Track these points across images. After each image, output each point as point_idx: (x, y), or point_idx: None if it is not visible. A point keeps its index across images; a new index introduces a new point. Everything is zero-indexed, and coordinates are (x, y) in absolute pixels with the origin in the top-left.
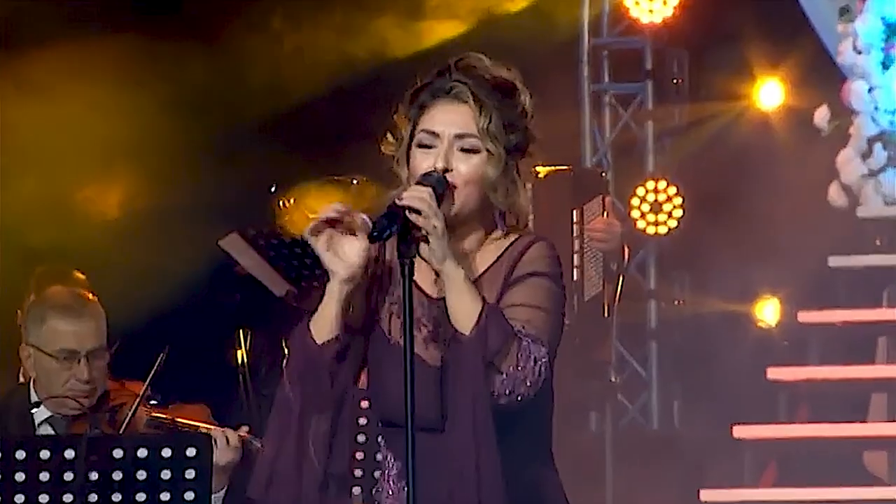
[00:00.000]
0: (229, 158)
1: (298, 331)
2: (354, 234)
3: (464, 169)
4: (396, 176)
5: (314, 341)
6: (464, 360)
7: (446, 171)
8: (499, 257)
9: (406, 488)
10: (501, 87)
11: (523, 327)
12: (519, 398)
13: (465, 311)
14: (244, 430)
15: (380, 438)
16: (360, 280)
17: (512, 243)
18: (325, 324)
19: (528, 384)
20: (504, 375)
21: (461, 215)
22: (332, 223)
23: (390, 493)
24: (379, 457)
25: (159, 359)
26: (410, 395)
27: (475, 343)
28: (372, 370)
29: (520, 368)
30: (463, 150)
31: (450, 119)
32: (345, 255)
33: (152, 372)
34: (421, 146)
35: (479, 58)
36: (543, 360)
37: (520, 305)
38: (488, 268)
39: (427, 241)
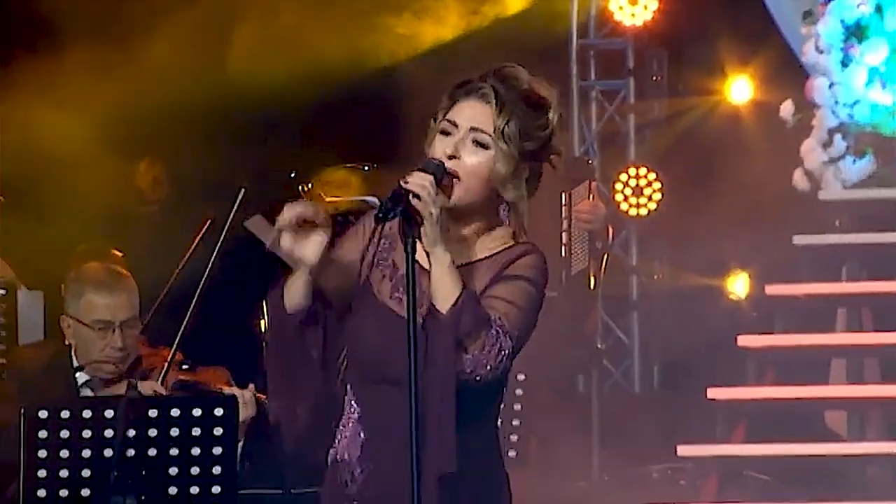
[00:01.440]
0: (253, 147)
1: (272, 295)
2: (311, 232)
3: (470, 160)
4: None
5: (284, 308)
6: (438, 335)
7: (452, 157)
8: (496, 253)
9: (363, 436)
10: (531, 100)
11: (499, 318)
12: (478, 378)
13: (445, 293)
14: (251, 387)
15: (348, 386)
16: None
17: (511, 246)
18: (292, 293)
19: (489, 368)
20: (469, 356)
21: (463, 205)
22: (300, 224)
23: (346, 436)
24: (345, 406)
25: (182, 327)
26: (414, 365)
27: (449, 323)
28: (353, 322)
29: (485, 352)
30: (475, 142)
31: (470, 114)
32: (304, 251)
33: (177, 339)
34: (442, 133)
35: (520, 69)
36: (507, 351)
37: (501, 299)
38: (483, 258)
39: (421, 224)
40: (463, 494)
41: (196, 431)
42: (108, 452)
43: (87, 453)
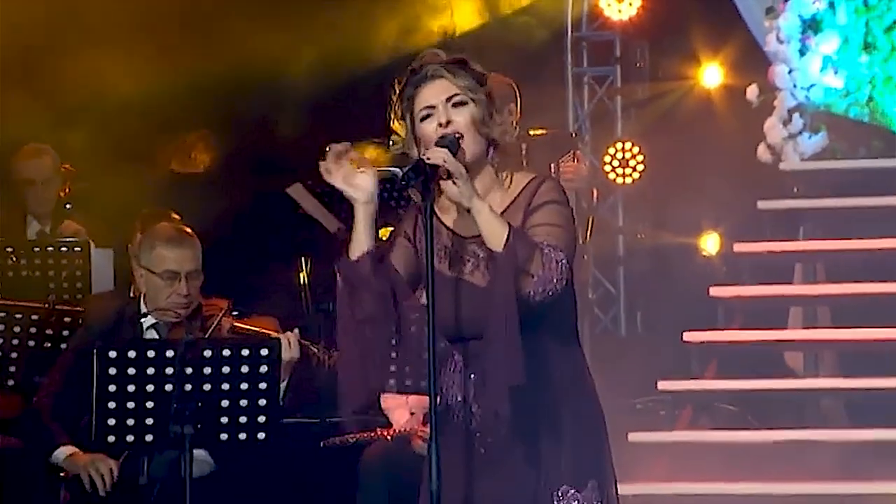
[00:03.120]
0: (291, 124)
1: (341, 259)
2: (362, 170)
3: (460, 118)
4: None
5: (349, 258)
6: (500, 270)
7: (448, 122)
8: (519, 193)
9: (465, 372)
10: (457, 63)
11: (545, 240)
12: (550, 293)
13: (496, 235)
14: (295, 331)
15: (446, 341)
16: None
17: (527, 183)
18: (357, 244)
19: (555, 281)
20: (535, 278)
21: (471, 161)
22: (340, 157)
23: (455, 383)
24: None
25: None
26: (431, 307)
27: (508, 257)
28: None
29: (547, 270)
30: (454, 105)
31: (436, 91)
32: (359, 185)
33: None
34: (424, 119)
35: (434, 52)
36: (563, 262)
37: (540, 225)
38: (511, 203)
39: (456, 184)
40: (554, 403)
41: (244, 369)
42: (168, 387)
43: (150, 388)
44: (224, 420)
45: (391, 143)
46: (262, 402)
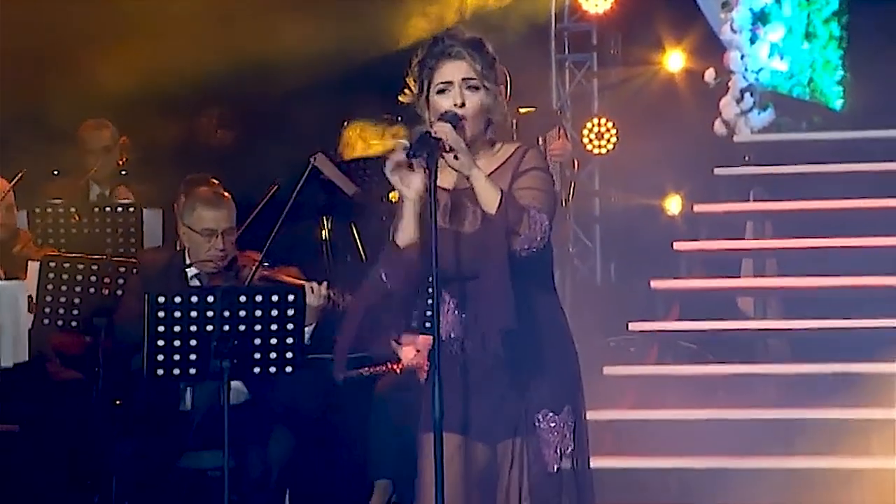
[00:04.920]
0: (314, 102)
1: (389, 245)
2: (414, 170)
3: (471, 102)
4: (418, 114)
5: (398, 246)
6: (493, 230)
7: (463, 104)
8: (507, 159)
9: (458, 313)
10: (475, 44)
11: (530, 203)
12: (534, 250)
13: (490, 199)
14: (324, 283)
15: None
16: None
17: (513, 151)
18: (405, 233)
19: (538, 239)
20: (522, 236)
21: (474, 137)
22: (400, 164)
23: (449, 321)
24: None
25: (270, 237)
26: (435, 261)
27: (499, 219)
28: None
29: (532, 230)
30: (469, 87)
31: (454, 71)
32: (411, 184)
33: (266, 245)
34: (440, 92)
35: (458, 28)
36: (545, 223)
37: (525, 189)
38: (500, 166)
39: (457, 158)
40: (535, 340)
41: (274, 312)
42: (209, 328)
43: (193, 328)
44: (257, 356)
45: (399, 119)
46: (289, 340)
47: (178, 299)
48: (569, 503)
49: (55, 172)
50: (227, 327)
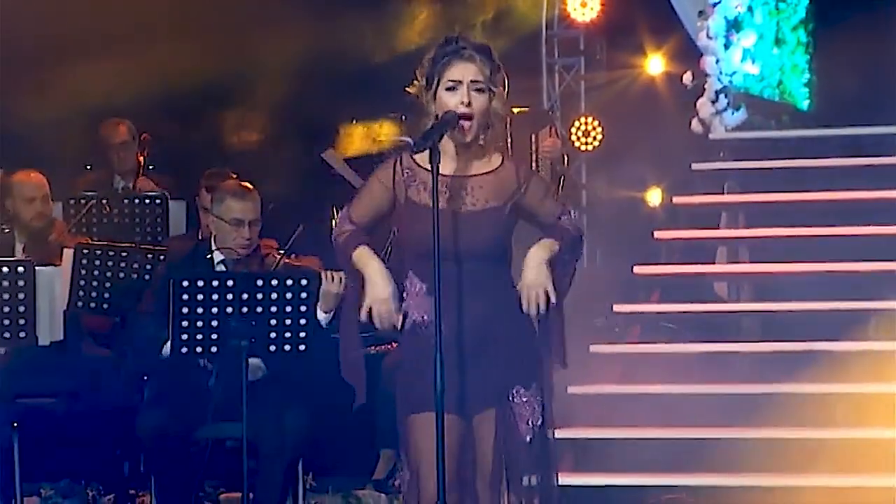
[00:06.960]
0: (324, 101)
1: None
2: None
3: (477, 103)
4: (424, 107)
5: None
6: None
7: (469, 104)
8: (500, 164)
9: (435, 300)
10: (485, 50)
11: (559, 211)
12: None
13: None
14: (340, 272)
15: (409, 270)
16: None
17: (501, 162)
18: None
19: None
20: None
21: (477, 136)
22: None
23: (419, 304)
24: (407, 283)
25: (296, 231)
26: (437, 248)
27: (562, 259)
28: (406, 224)
29: (575, 230)
30: (476, 90)
31: (466, 71)
32: (388, 322)
33: (293, 238)
34: (448, 90)
35: (468, 34)
36: (574, 214)
37: (546, 198)
38: (493, 170)
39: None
40: (503, 324)
41: (289, 295)
42: (229, 310)
43: (215, 310)
44: (273, 335)
45: (403, 117)
46: (303, 321)
47: (200, 283)
48: (538, 468)
49: (88, 167)
50: (245, 309)
